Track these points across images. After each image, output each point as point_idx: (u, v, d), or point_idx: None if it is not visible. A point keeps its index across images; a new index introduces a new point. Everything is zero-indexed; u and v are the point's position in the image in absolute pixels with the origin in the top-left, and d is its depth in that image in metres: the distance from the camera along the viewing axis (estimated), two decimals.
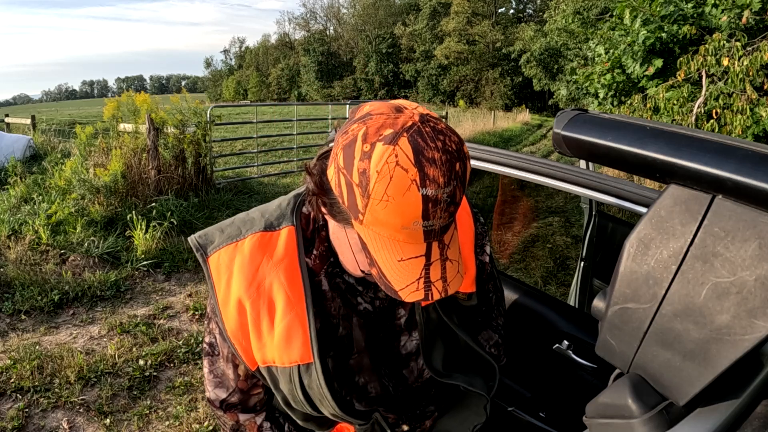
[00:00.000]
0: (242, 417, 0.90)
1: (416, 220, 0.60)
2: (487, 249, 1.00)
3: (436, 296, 0.65)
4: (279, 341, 0.78)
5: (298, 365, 0.79)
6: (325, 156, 0.69)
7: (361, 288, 0.84)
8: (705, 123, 6.76)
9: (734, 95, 6.58)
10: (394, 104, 0.64)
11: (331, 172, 0.65)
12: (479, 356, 0.94)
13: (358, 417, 0.86)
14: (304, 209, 0.83)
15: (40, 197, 5.14)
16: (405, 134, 0.58)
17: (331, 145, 0.67)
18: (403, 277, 0.64)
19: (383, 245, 0.64)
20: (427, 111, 0.64)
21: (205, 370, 0.89)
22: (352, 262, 0.74)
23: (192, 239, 0.84)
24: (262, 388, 0.89)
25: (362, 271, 0.74)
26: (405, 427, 0.94)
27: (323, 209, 0.69)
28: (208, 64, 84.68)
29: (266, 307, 0.79)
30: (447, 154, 0.59)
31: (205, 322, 0.88)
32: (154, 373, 2.98)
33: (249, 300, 0.79)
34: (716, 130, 6.69)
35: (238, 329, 0.81)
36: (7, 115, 12.22)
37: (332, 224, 0.76)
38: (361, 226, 0.64)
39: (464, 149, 0.63)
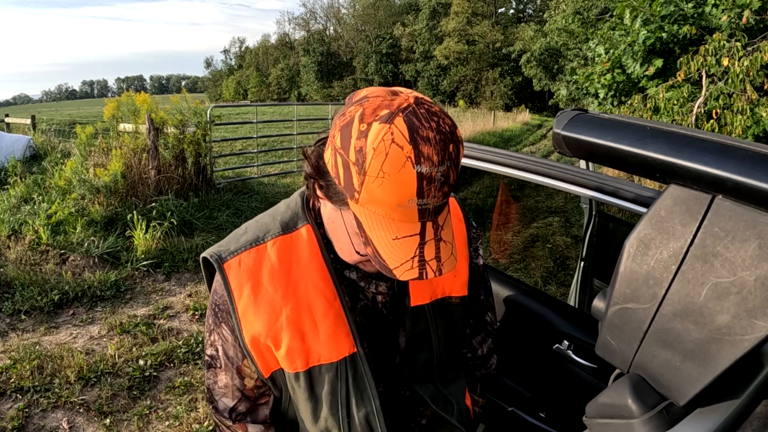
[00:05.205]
0: (252, 429, 0.87)
1: (411, 197, 0.61)
2: (481, 252, 1.02)
3: (431, 275, 0.65)
4: (326, 337, 0.80)
5: (345, 357, 0.81)
6: (322, 142, 0.71)
7: (363, 284, 0.84)
8: (705, 123, 6.77)
9: (734, 95, 6.58)
10: (390, 89, 0.66)
11: (328, 155, 0.66)
12: (457, 371, 0.94)
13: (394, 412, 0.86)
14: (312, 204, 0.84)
15: (40, 197, 5.13)
16: (400, 114, 0.60)
17: (329, 131, 0.69)
18: (398, 255, 0.65)
19: (378, 224, 0.64)
20: (422, 95, 0.66)
21: (209, 381, 0.88)
22: (347, 246, 0.74)
23: (204, 255, 0.82)
24: (270, 398, 0.87)
25: (357, 253, 0.73)
26: None
27: (319, 192, 0.71)
28: (208, 64, 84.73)
29: (307, 308, 0.79)
30: (441, 134, 0.61)
31: (206, 334, 0.86)
32: (154, 373, 2.98)
33: (288, 305, 0.78)
34: (716, 130, 6.69)
35: (266, 334, 0.79)
36: (7, 115, 12.22)
37: (327, 209, 0.76)
38: (357, 205, 0.65)
39: (457, 133, 0.64)
